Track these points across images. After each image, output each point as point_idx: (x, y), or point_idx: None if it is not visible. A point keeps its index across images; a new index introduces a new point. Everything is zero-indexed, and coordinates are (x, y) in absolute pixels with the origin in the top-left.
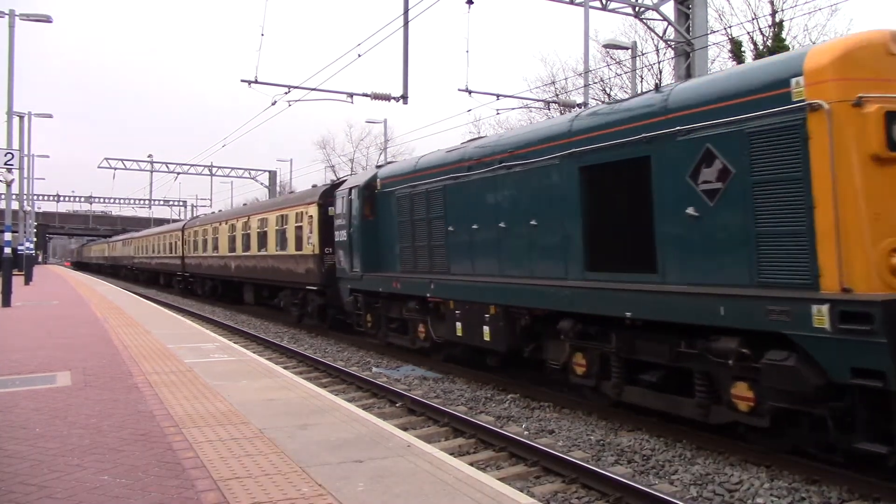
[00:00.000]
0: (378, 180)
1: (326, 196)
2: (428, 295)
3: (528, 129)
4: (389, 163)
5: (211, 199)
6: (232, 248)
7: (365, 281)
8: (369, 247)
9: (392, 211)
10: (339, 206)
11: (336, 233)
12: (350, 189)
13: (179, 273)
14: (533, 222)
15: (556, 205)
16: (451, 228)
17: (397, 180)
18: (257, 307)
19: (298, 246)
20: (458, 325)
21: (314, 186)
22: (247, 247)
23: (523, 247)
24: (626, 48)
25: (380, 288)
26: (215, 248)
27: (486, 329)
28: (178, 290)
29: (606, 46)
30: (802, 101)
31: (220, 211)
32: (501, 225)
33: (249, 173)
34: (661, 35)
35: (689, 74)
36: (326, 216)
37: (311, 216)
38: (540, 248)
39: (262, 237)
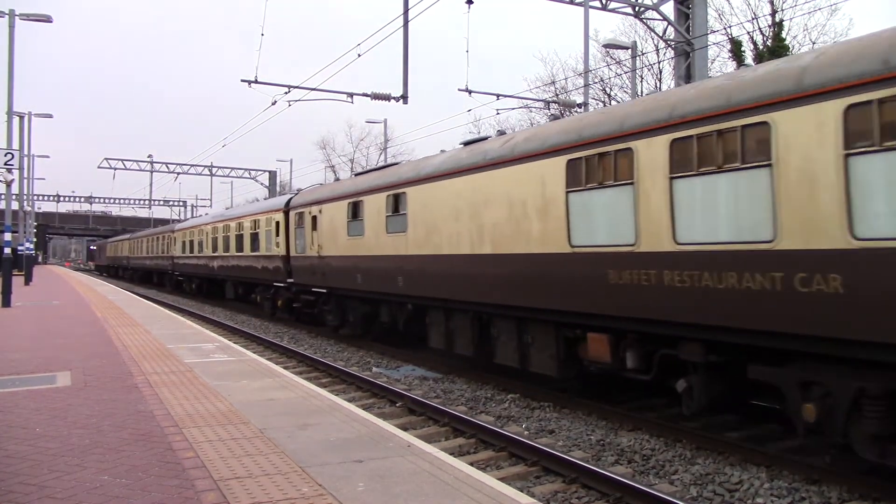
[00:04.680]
0: None
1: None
2: None
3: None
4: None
5: (211, 200)
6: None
7: None
8: None
9: None
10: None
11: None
12: None
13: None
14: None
15: None
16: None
17: None
18: (251, 305)
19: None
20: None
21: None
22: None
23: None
24: (626, 48)
25: None
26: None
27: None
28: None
29: (606, 46)
30: None
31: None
32: None
33: (249, 173)
34: (661, 35)
35: (688, 74)
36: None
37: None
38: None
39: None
